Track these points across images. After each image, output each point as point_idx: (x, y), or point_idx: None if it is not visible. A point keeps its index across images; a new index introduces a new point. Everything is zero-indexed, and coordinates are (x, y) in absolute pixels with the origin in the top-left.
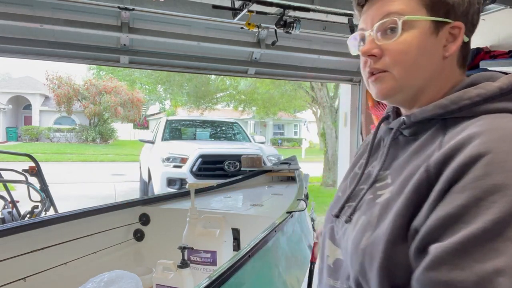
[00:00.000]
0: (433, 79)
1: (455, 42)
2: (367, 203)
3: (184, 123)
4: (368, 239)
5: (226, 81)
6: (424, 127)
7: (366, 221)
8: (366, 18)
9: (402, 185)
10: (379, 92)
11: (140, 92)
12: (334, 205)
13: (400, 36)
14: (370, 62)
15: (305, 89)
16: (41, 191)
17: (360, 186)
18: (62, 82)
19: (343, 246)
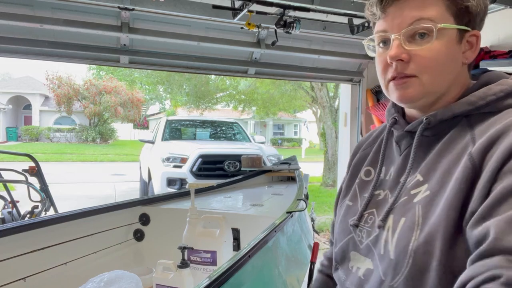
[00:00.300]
0: (453, 84)
1: (474, 49)
2: (403, 205)
3: (184, 123)
4: (419, 239)
5: (226, 81)
6: (447, 126)
7: (409, 222)
8: (391, 21)
9: (442, 181)
10: (403, 97)
11: (140, 92)
12: (347, 216)
13: (431, 43)
14: (397, 67)
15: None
16: (41, 191)
17: (376, 192)
18: (62, 82)
19: (378, 253)
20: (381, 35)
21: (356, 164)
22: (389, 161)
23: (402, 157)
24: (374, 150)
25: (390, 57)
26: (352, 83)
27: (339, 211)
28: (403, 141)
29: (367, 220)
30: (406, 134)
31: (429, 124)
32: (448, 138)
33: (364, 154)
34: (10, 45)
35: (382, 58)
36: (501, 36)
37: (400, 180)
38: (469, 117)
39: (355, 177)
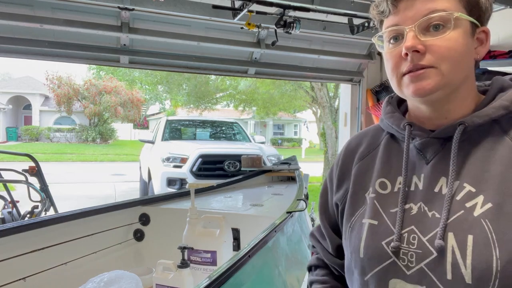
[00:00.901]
0: (466, 79)
1: (484, 45)
2: (462, 221)
3: (184, 123)
4: (503, 258)
5: (226, 81)
6: (478, 131)
7: (482, 239)
8: (404, 14)
9: (502, 191)
10: (422, 88)
11: (140, 92)
12: (375, 237)
13: (448, 33)
14: (412, 59)
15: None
16: (41, 191)
17: (407, 206)
18: (62, 82)
19: (440, 278)
20: (394, 29)
21: (359, 175)
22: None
23: (431, 165)
24: (381, 160)
25: (406, 48)
26: (352, 83)
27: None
28: (429, 148)
29: (409, 240)
30: (432, 140)
31: (465, 129)
32: (486, 144)
33: (365, 164)
34: (10, 45)
35: (394, 53)
36: (501, 36)
37: (435, 191)
38: (499, 121)
39: (363, 190)
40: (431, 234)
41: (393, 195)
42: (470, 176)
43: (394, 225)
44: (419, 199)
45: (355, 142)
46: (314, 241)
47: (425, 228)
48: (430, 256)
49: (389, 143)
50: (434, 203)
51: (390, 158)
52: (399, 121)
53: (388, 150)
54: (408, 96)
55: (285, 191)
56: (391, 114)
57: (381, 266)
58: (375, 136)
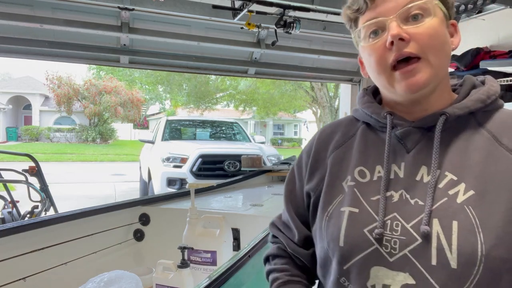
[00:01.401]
0: (446, 70)
1: (456, 36)
2: (446, 207)
3: (184, 123)
4: (488, 242)
5: (226, 81)
6: (456, 123)
7: (466, 225)
8: (383, 6)
9: (483, 179)
10: (415, 84)
11: (140, 92)
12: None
13: (428, 21)
14: (398, 47)
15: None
16: (41, 191)
17: (388, 194)
18: (62, 82)
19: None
20: (374, 21)
21: (335, 164)
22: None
23: (412, 154)
24: (358, 149)
25: (392, 36)
26: (352, 83)
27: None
28: (410, 137)
29: (392, 227)
30: (414, 130)
31: (446, 119)
32: (464, 135)
33: (341, 153)
34: (10, 45)
35: (376, 45)
36: (501, 36)
37: (416, 179)
38: (475, 114)
39: (340, 179)
40: (415, 221)
41: (372, 183)
42: (451, 165)
43: (376, 212)
44: (401, 187)
45: (328, 131)
46: (276, 231)
47: (408, 215)
48: (415, 242)
49: (365, 132)
50: (416, 191)
51: (368, 147)
52: (379, 110)
53: (365, 139)
54: (400, 93)
55: None
56: (369, 103)
57: (363, 254)
58: (349, 126)
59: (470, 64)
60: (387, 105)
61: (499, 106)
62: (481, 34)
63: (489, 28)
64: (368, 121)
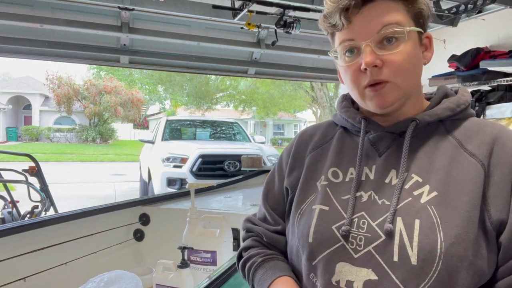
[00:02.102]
0: (417, 85)
1: (429, 50)
2: (409, 207)
3: (184, 123)
4: (447, 241)
5: (226, 81)
6: (425, 129)
7: (428, 223)
8: (359, 29)
9: (446, 182)
10: (382, 103)
11: (140, 92)
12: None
13: (402, 47)
14: (371, 73)
15: (305, 89)
16: (41, 191)
17: (357, 194)
18: (62, 82)
19: (387, 260)
20: (350, 44)
21: (311, 164)
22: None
23: (383, 158)
24: (334, 151)
25: (366, 64)
26: None
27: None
28: (382, 142)
29: (359, 225)
30: (386, 134)
31: (416, 125)
32: (432, 141)
33: (318, 154)
34: (10, 45)
35: (352, 67)
36: (501, 36)
37: (385, 181)
38: (443, 122)
39: (315, 179)
40: (380, 219)
41: (344, 184)
42: (417, 168)
43: (345, 210)
44: (370, 188)
45: (309, 133)
46: (250, 224)
47: (374, 214)
48: (379, 239)
49: (342, 136)
50: (384, 192)
51: (343, 150)
52: (355, 115)
53: (341, 142)
54: (371, 107)
55: None
56: (346, 109)
57: (330, 249)
58: (328, 129)
59: (470, 64)
60: (363, 112)
61: (468, 115)
62: (481, 34)
63: (489, 28)
64: (345, 125)
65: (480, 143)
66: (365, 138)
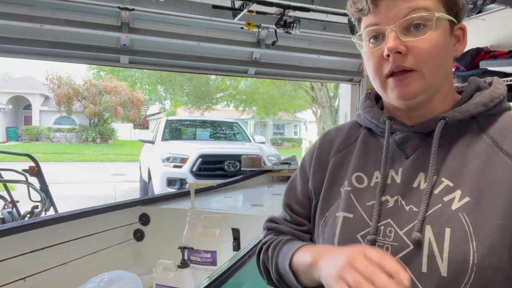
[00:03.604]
0: (446, 79)
1: (462, 42)
2: (439, 214)
3: (184, 123)
4: (480, 251)
5: (226, 81)
6: (456, 127)
7: (459, 232)
8: (385, 13)
9: (479, 186)
10: (405, 93)
11: (140, 92)
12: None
13: (429, 34)
14: (394, 60)
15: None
16: (41, 191)
17: (383, 199)
18: (62, 82)
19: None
20: (374, 28)
21: (334, 169)
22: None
23: (411, 160)
24: (358, 154)
25: (388, 49)
26: (352, 83)
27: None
28: (409, 143)
29: (385, 233)
30: (413, 135)
31: (446, 124)
32: (464, 141)
33: (341, 158)
34: (10, 45)
35: (375, 53)
36: (501, 36)
37: (413, 185)
38: (476, 118)
39: (338, 184)
40: (408, 227)
41: (369, 189)
42: (448, 171)
43: (370, 218)
44: (396, 192)
45: (332, 135)
46: (273, 224)
47: (402, 221)
48: (407, 248)
49: (366, 138)
50: (412, 197)
51: (368, 153)
52: (379, 115)
53: (365, 145)
54: (392, 99)
55: None
56: (370, 108)
57: None
58: (352, 131)
59: (470, 64)
60: (388, 110)
61: (504, 109)
62: (481, 34)
63: (489, 28)
64: (369, 126)
65: None
66: (391, 139)
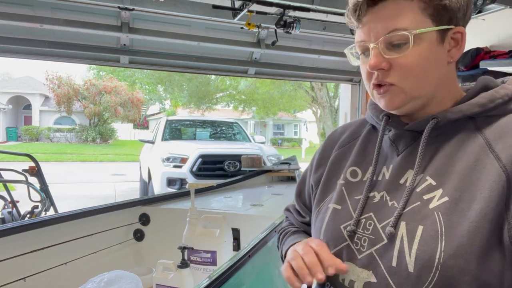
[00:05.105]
0: (440, 85)
1: (459, 47)
2: (416, 211)
3: (184, 123)
4: (447, 251)
5: (226, 81)
6: (452, 127)
7: (430, 231)
8: (367, 31)
9: (462, 187)
10: (388, 105)
11: (140, 92)
12: (336, 221)
13: (410, 50)
14: (378, 75)
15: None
16: (41, 191)
17: (371, 194)
18: (62, 82)
19: (387, 264)
20: (361, 44)
21: (334, 162)
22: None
23: (401, 157)
24: (358, 149)
25: (370, 67)
26: (352, 83)
27: (319, 215)
28: (402, 140)
29: (365, 226)
30: (406, 133)
31: (436, 124)
32: (457, 140)
33: (343, 152)
34: (10, 45)
35: (364, 66)
36: (501, 36)
37: (400, 182)
38: (475, 119)
39: (336, 177)
40: (385, 222)
41: (361, 183)
42: (434, 170)
43: (355, 210)
44: (383, 189)
45: (339, 131)
46: (288, 213)
47: (382, 216)
48: (381, 242)
49: (369, 134)
50: (397, 193)
51: (367, 148)
52: (379, 112)
53: (366, 141)
54: (382, 107)
55: (285, 191)
56: (374, 105)
57: (337, 248)
58: (358, 127)
59: (470, 64)
60: None
61: (509, 111)
62: (481, 34)
63: (489, 28)
64: (372, 123)
65: (510, 144)
66: (386, 137)
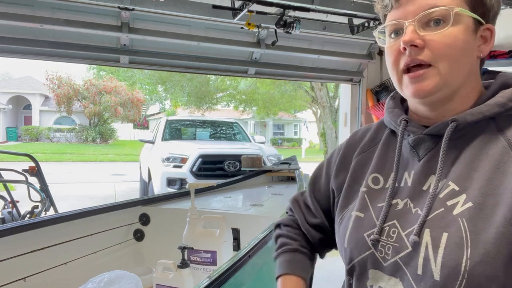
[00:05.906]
0: (468, 78)
1: (488, 43)
2: (440, 218)
3: (184, 123)
4: (473, 258)
5: (226, 81)
6: (473, 129)
7: (455, 238)
8: (405, 9)
9: (485, 191)
10: (419, 90)
11: (140, 92)
12: (359, 229)
13: (448, 29)
14: (410, 53)
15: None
16: (41, 191)
17: (394, 201)
18: (62, 82)
19: (412, 272)
20: (393, 23)
21: (356, 169)
22: (405, 166)
23: (422, 163)
24: (378, 155)
25: (403, 42)
26: (352, 83)
27: (342, 223)
28: (422, 145)
29: (389, 234)
30: (425, 137)
31: (457, 126)
32: (478, 143)
33: (364, 158)
34: (10, 45)
35: (394, 47)
36: (501, 36)
37: (423, 188)
38: (496, 119)
39: (358, 184)
40: (409, 229)
41: (384, 190)
42: (456, 175)
43: (378, 218)
44: (406, 195)
45: (360, 135)
46: (296, 206)
47: (406, 223)
48: (406, 250)
49: (388, 139)
50: (420, 200)
51: (387, 154)
52: (397, 117)
53: (386, 146)
54: (408, 96)
55: (285, 191)
56: (391, 109)
57: (361, 256)
58: (377, 131)
59: None
60: (411, 111)
61: None
62: None
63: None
64: (390, 127)
65: None
66: (405, 142)
